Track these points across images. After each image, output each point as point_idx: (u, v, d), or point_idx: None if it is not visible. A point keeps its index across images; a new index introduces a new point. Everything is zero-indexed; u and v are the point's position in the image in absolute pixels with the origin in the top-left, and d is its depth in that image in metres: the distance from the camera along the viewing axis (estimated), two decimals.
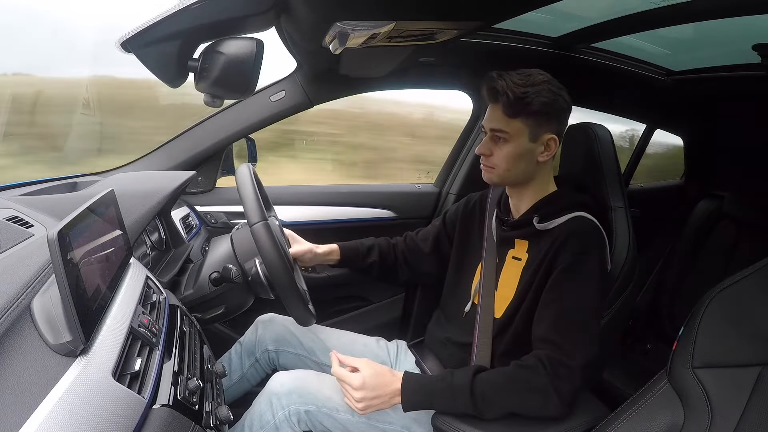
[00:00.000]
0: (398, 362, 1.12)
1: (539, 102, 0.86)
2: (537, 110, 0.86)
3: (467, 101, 1.63)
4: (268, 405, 0.90)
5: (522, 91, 0.85)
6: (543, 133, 0.89)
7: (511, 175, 0.92)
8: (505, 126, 0.88)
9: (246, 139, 1.42)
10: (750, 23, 1.00)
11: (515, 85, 0.86)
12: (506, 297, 0.94)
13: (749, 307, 0.64)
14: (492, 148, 0.91)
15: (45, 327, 0.51)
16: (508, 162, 0.90)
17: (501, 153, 0.90)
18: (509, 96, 0.86)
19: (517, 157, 0.90)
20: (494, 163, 0.92)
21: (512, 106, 0.86)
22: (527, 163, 0.91)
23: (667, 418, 0.65)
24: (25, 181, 1.07)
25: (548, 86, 0.87)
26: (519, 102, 0.86)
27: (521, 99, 0.85)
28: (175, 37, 0.68)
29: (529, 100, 0.86)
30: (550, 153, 0.91)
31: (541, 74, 0.88)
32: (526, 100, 0.86)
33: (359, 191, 1.63)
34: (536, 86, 0.86)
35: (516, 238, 0.96)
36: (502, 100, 0.87)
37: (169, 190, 0.97)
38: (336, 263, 1.15)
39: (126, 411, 0.50)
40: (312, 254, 1.11)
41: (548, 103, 0.87)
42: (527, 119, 0.87)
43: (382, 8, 0.71)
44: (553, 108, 0.88)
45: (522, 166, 0.91)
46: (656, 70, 1.54)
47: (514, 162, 0.90)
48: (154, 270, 0.98)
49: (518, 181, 0.94)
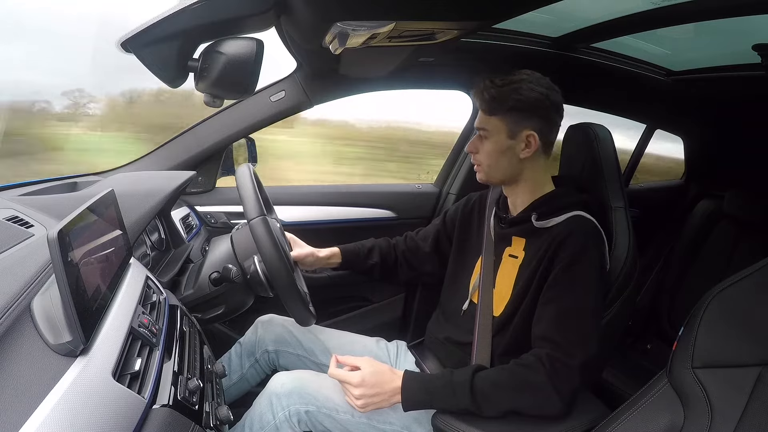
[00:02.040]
0: (398, 363, 1.12)
1: (514, 99, 0.89)
2: (512, 107, 0.90)
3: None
4: (268, 405, 0.90)
5: (498, 90, 0.90)
6: (521, 129, 0.91)
7: (494, 171, 0.95)
8: (485, 123, 0.93)
9: (246, 139, 1.42)
10: (750, 23, 1.00)
11: (493, 84, 0.91)
12: (504, 295, 0.94)
13: (749, 307, 0.64)
14: (478, 146, 0.96)
15: (45, 327, 0.51)
16: (489, 158, 0.94)
17: (484, 150, 0.95)
18: (484, 95, 0.91)
19: (497, 154, 0.93)
20: (479, 160, 0.96)
21: (488, 103, 0.92)
22: (509, 160, 0.93)
23: (667, 419, 0.65)
24: (25, 181, 1.07)
25: (528, 84, 0.90)
26: (493, 100, 0.91)
27: (494, 98, 0.91)
28: (175, 37, 0.68)
29: (503, 97, 0.90)
30: (531, 149, 0.92)
31: (525, 73, 0.92)
32: (499, 98, 0.90)
33: (359, 191, 1.62)
34: (513, 84, 0.90)
35: (513, 235, 0.97)
36: (481, 98, 0.92)
37: (169, 190, 0.97)
38: (338, 266, 1.16)
39: (126, 411, 0.50)
40: (314, 258, 1.11)
41: (524, 100, 0.89)
42: (504, 116, 0.91)
43: (382, 8, 0.71)
44: (530, 105, 0.89)
45: (504, 162, 0.94)
46: (656, 70, 1.54)
47: (496, 158, 0.94)
48: (154, 270, 0.98)
49: (504, 178, 0.97)
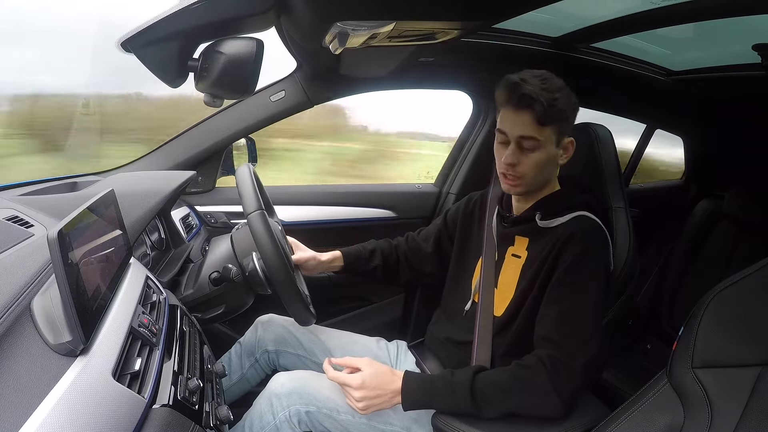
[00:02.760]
0: (398, 363, 1.12)
1: (566, 106, 0.86)
2: (565, 116, 0.86)
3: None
4: (268, 406, 0.90)
5: (553, 97, 0.83)
6: (565, 137, 0.89)
7: (536, 182, 0.91)
8: (537, 134, 0.85)
9: (246, 139, 1.42)
10: (750, 23, 1.00)
11: (545, 91, 0.83)
12: (506, 295, 0.94)
13: (749, 307, 0.64)
14: (520, 158, 0.87)
15: (45, 327, 0.51)
16: (536, 170, 0.88)
17: (529, 161, 0.87)
18: (543, 103, 0.82)
19: (544, 164, 0.89)
20: (522, 173, 0.88)
21: (546, 114, 0.83)
22: (550, 169, 0.91)
23: (667, 419, 0.65)
24: (25, 181, 1.07)
25: (567, 90, 0.87)
26: (552, 109, 0.83)
27: (553, 106, 0.83)
28: (175, 37, 0.68)
29: (560, 106, 0.84)
30: (568, 156, 0.91)
31: (556, 78, 0.87)
32: (557, 107, 0.84)
33: (359, 191, 1.62)
34: (561, 91, 0.85)
35: (516, 234, 0.96)
36: (537, 108, 0.83)
37: (169, 190, 0.97)
38: (340, 270, 1.15)
39: (126, 411, 0.49)
40: (315, 261, 1.10)
41: (570, 107, 0.87)
42: (555, 125, 0.86)
43: (382, 8, 0.71)
44: (573, 112, 0.89)
45: (546, 172, 0.91)
46: (656, 70, 1.54)
47: (541, 169, 0.89)
48: (154, 270, 0.98)
49: (539, 187, 0.93)
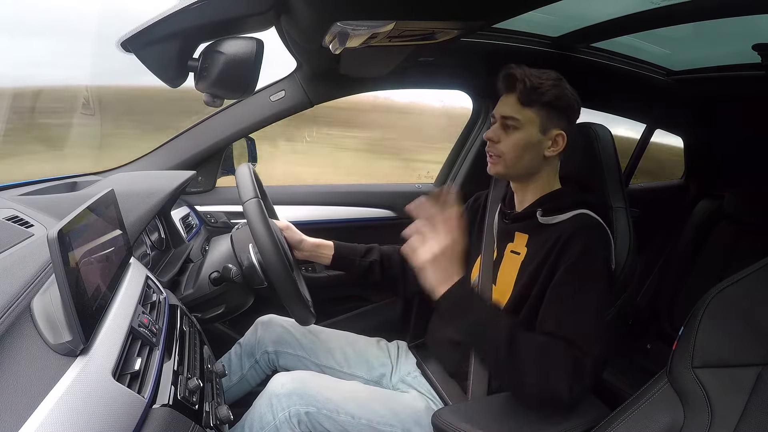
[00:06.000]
0: (399, 363, 1.11)
1: (552, 94, 0.88)
2: (549, 102, 0.88)
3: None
4: (268, 406, 0.90)
5: (539, 81, 0.87)
6: (553, 127, 0.90)
7: (517, 166, 0.92)
8: (518, 113, 0.89)
9: (246, 139, 1.42)
10: (750, 23, 1.00)
11: (532, 74, 0.87)
12: (505, 292, 0.93)
13: (749, 307, 0.64)
14: (500, 135, 0.92)
15: (45, 327, 0.51)
16: (515, 150, 0.90)
17: (509, 141, 0.91)
18: (526, 83, 0.87)
19: (524, 147, 0.90)
20: (501, 151, 0.92)
21: (528, 94, 0.88)
22: (534, 156, 0.91)
23: (667, 418, 0.65)
24: (25, 180, 1.07)
25: (562, 83, 0.89)
26: (534, 91, 0.87)
27: (536, 88, 0.87)
28: (175, 37, 0.68)
29: (543, 90, 0.87)
30: (557, 149, 0.91)
31: (555, 73, 0.91)
32: (540, 90, 0.87)
33: (359, 191, 1.62)
34: (551, 80, 0.88)
35: (516, 231, 0.96)
36: (519, 87, 0.88)
37: (169, 190, 0.97)
38: (330, 261, 1.13)
39: (126, 411, 0.50)
40: (304, 242, 1.10)
41: (561, 98, 0.88)
42: (540, 110, 0.89)
43: (382, 8, 0.71)
44: (565, 104, 0.89)
45: (528, 157, 0.91)
46: (656, 70, 1.54)
47: (522, 151, 0.91)
48: (154, 270, 0.98)
49: (524, 173, 0.94)
